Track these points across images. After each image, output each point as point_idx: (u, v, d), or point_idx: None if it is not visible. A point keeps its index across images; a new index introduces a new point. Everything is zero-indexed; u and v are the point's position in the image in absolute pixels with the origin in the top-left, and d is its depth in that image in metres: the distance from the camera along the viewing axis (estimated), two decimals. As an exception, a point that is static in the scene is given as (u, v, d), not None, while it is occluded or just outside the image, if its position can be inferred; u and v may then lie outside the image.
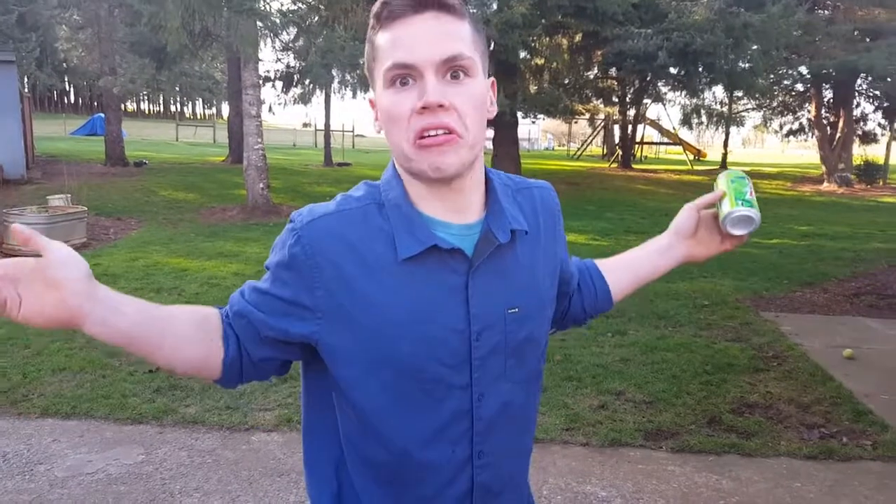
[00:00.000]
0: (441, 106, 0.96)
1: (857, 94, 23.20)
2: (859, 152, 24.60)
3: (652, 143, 37.94)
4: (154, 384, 4.52)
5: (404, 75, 0.97)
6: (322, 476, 1.15)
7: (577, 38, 18.98)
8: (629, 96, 25.24)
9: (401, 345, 1.02)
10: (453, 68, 0.98)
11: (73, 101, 78.59)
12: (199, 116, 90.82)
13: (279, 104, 49.57)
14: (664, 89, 24.58)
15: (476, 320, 1.04)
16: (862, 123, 24.96)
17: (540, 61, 19.34)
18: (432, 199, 1.04)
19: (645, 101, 27.08)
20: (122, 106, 25.00)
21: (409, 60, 0.96)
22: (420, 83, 0.97)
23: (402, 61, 0.97)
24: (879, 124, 24.87)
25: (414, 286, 1.02)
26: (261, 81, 13.87)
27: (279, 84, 17.44)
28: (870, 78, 21.00)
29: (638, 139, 31.74)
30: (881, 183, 22.39)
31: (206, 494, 3.27)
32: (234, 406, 4.21)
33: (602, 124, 35.91)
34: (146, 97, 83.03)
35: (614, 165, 27.39)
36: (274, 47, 16.68)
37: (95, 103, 57.81)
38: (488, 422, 1.08)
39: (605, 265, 1.37)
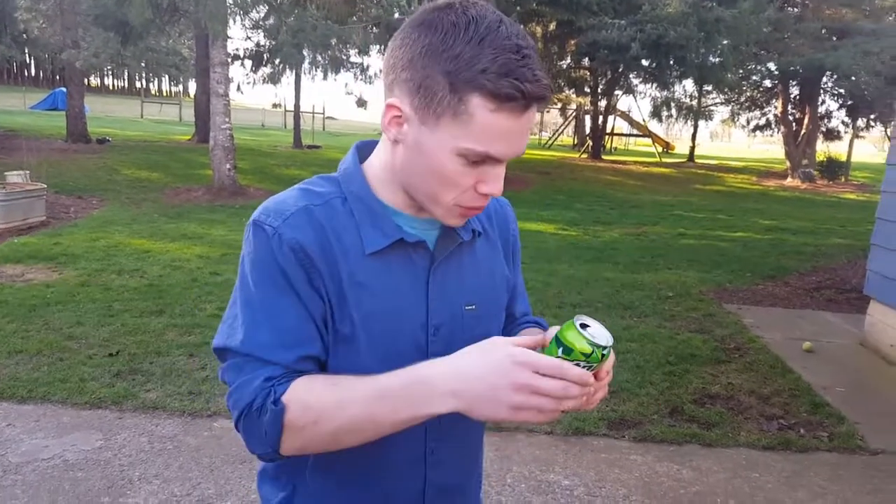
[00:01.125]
0: None
1: (822, 91, 23.56)
2: (823, 149, 25.04)
3: (622, 135, 38.17)
4: (114, 368, 4.43)
5: (484, 160, 0.94)
6: (276, 476, 1.14)
7: (552, 26, 19.01)
8: (601, 87, 25.37)
9: (374, 334, 1.01)
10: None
11: (33, 73, 76.65)
12: (164, 93, 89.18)
13: (248, 83, 48.86)
14: (635, 81, 24.78)
15: (434, 315, 1.05)
16: (826, 121, 25.38)
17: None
18: (399, 192, 1.04)
19: (616, 92, 27.23)
20: (85, 80, 24.43)
21: (500, 156, 0.94)
22: (490, 167, 0.96)
23: (495, 155, 0.93)
24: (843, 122, 25.31)
25: (381, 279, 1.01)
26: (229, 59, 13.65)
27: (248, 63, 17.22)
28: (835, 76, 21.33)
29: (608, 130, 31.91)
30: (843, 179, 22.83)
31: (165, 481, 3.22)
32: (196, 392, 4.15)
33: (573, 114, 36.05)
34: (110, 72, 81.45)
35: (584, 156, 27.52)
36: (244, 25, 16.47)
37: (57, 77, 56.57)
38: (440, 419, 1.07)
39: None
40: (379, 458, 1.05)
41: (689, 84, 23.89)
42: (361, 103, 19.11)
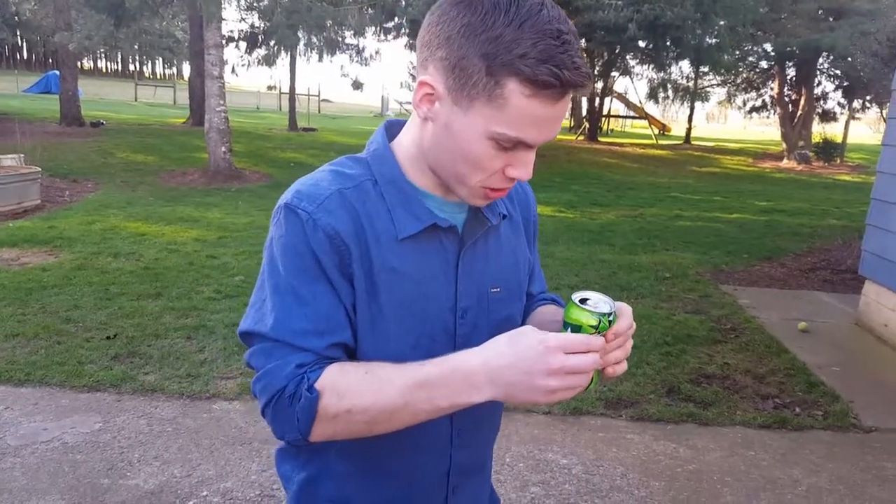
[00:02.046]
0: None
1: (818, 72, 23.49)
2: (819, 130, 24.99)
3: (618, 117, 38.07)
4: (112, 351, 4.44)
5: (515, 146, 0.94)
6: (297, 455, 1.14)
7: (547, 7, 18.87)
8: (598, 69, 25.22)
9: (404, 319, 1.01)
10: None
11: (25, 56, 76.17)
12: (158, 76, 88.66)
13: (243, 65, 48.38)
14: (632, 63, 24.68)
15: (462, 298, 1.05)
16: (822, 102, 25.30)
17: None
18: (428, 172, 1.03)
19: (613, 74, 27.14)
20: (79, 63, 24.23)
21: (532, 142, 0.93)
22: (521, 151, 0.95)
23: (527, 141, 0.92)
24: (839, 103, 25.24)
25: (414, 264, 1.01)
26: (224, 41, 13.54)
27: (243, 45, 17.07)
28: (831, 57, 21.25)
29: (605, 112, 31.82)
30: (839, 161, 22.80)
31: (165, 463, 3.23)
32: (194, 374, 4.16)
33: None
34: (103, 55, 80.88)
35: (581, 138, 27.45)
36: (238, 6, 16.38)
37: (50, 60, 56.14)
38: None
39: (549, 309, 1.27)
40: (405, 442, 1.05)
41: (685, 65, 23.84)
42: (357, 86, 19.04)
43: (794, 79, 24.15)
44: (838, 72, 22.57)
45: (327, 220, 0.95)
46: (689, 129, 29.94)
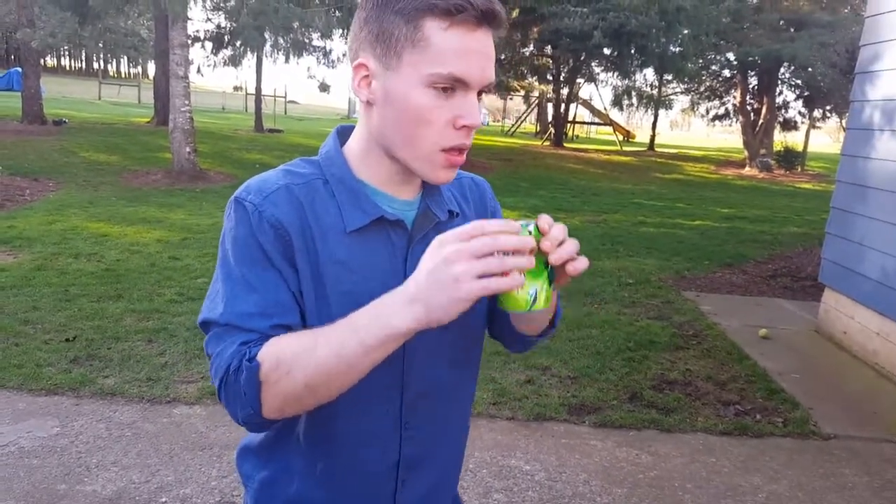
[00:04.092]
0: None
1: (780, 82, 23.95)
2: (780, 139, 25.49)
3: (583, 123, 38.38)
4: (70, 354, 4.35)
5: (452, 87, 0.96)
6: (258, 454, 1.16)
7: (515, 13, 18.99)
8: (563, 75, 25.43)
9: (351, 311, 0.99)
10: (484, 89, 1.00)
11: (-14, 52, 74.37)
12: (123, 75, 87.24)
13: (208, 66, 47.79)
14: (597, 70, 24.89)
15: None
16: (784, 111, 25.80)
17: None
18: (378, 166, 1.06)
19: (578, 80, 27.37)
20: (42, 61, 23.76)
21: (467, 78, 0.95)
22: (461, 98, 0.97)
23: (461, 76, 0.95)
24: (800, 112, 25.73)
25: (361, 257, 1.03)
26: (189, 41, 13.38)
27: (209, 45, 16.87)
28: (792, 67, 21.70)
29: (570, 118, 32.08)
30: (799, 169, 23.27)
31: (124, 468, 3.18)
32: (155, 378, 4.09)
33: (536, 102, 36.13)
34: (67, 52, 79.35)
35: (547, 143, 27.65)
36: (204, 6, 16.15)
37: (12, 57, 54.93)
38: (416, 394, 1.10)
39: None
40: (353, 435, 1.08)
41: (649, 73, 24.14)
42: (324, 87, 18.91)
43: (756, 88, 24.61)
44: (799, 82, 23.04)
45: (272, 212, 0.99)
46: (653, 136, 30.35)
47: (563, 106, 27.81)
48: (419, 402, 1.11)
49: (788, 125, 25.93)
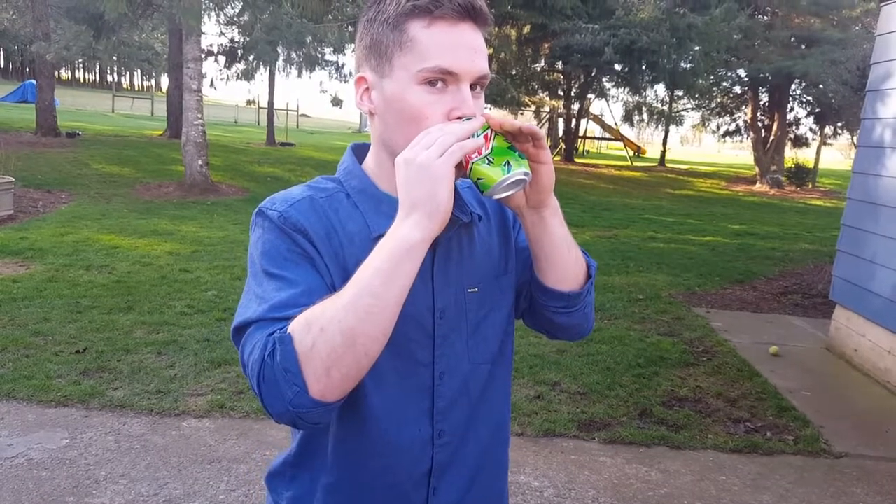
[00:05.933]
0: None
1: (791, 98, 23.89)
2: (791, 155, 25.40)
3: (594, 138, 38.41)
4: (80, 366, 4.37)
5: (442, 80, 0.98)
6: (285, 474, 1.16)
7: (526, 29, 19.08)
8: (574, 90, 25.47)
9: None
10: (479, 83, 1.02)
11: (3, 65, 75.25)
12: (136, 88, 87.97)
13: (221, 79, 48.20)
14: (608, 85, 24.94)
15: (439, 298, 1.08)
16: (794, 127, 25.73)
17: (489, 51, 19.37)
18: (394, 176, 1.05)
19: (589, 96, 27.38)
20: (56, 73, 24.00)
21: (455, 69, 0.98)
22: (454, 91, 0.99)
23: (448, 68, 0.98)
24: (811, 129, 25.68)
25: None
26: (203, 55, 13.51)
27: (222, 59, 17.02)
28: (803, 84, 21.67)
29: (581, 133, 32.09)
30: (810, 186, 23.18)
31: (132, 481, 3.18)
32: (164, 390, 4.11)
33: (547, 117, 36.19)
34: (81, 65, 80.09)
35: (557, 158, 27.64)
36: (218, 20, 16.27)
37: (27, 69, 55.51)
38: (449, 400, 1.10)
39: None
40: (383, 444, 1.07)
41: (660, 89, 24.16)
42: (336, 102, 19.04)
43: (767, 104, 24.56)
44: (810, 98, 23.00)
45: (297, 217, 1.01)
46: (663, 152, 30.29)
47: (573, 121, 27.84)
48: (451, 410, 1.11)
49: (799, 141, 25.86)
